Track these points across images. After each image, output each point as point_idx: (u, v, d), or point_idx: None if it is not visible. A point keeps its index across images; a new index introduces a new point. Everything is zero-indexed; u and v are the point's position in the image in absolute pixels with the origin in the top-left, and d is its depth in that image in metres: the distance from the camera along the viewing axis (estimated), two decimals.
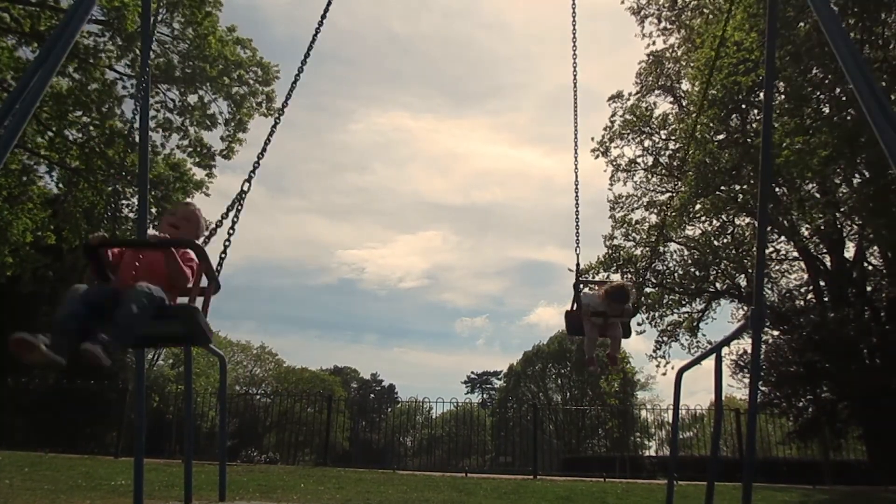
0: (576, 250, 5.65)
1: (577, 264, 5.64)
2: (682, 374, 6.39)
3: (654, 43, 23.62)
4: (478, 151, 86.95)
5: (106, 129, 14.76)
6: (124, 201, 15.91)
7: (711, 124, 18.02)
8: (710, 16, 17.26)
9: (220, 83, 15.03)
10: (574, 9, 5.99)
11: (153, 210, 15.35)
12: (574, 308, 5.55)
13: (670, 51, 23.52)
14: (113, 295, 3.14)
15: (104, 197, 15.64)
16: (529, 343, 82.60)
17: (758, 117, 18.15)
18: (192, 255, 3.37)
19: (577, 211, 5.68)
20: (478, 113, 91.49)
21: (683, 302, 23.86)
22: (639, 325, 23.64)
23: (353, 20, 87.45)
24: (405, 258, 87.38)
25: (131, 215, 15.75)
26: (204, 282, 3.40)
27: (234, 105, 15.61)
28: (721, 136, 19.49)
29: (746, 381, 18.52)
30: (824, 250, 20.88)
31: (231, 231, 3.43)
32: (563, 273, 74.33)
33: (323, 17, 4.59)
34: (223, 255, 3.40)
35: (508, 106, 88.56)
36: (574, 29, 5.96)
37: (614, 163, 25.04)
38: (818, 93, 15.26)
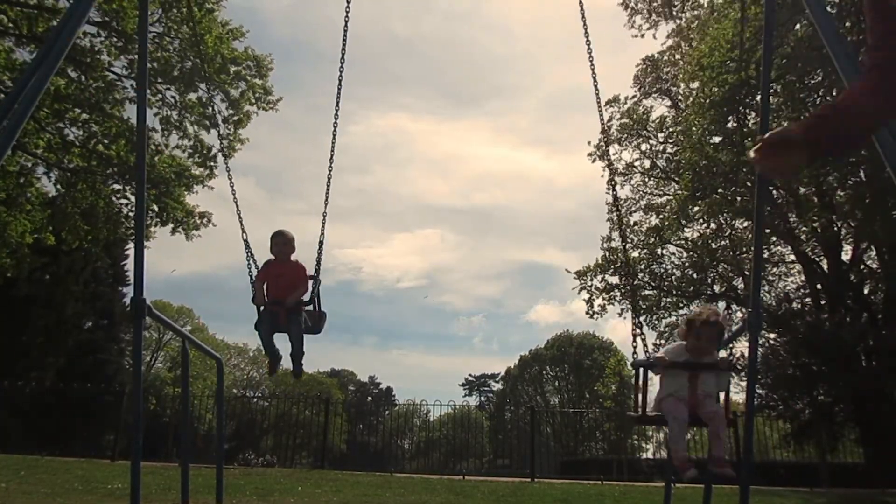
0: (633, 328, 4.42)
1: (639, 333, 4.41)
2: None
3: (642, 36, 23.52)
4: (478, 153, 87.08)
5: (108, 126, 14.72)
6: (123, 200, 15.89)
7: (708, 126, 18.06)
8: (711, 12, 17.25)
9: (218, 81, 14.99)
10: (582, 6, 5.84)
11: (154, 207, 15.31)
12: (641, 377, 4.16)
13: (667, 53, 23.57)
14: (279, 321, 5.41)
15: (103, 196, 15.60)
16: (528, 342, 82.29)
17: (755, 119, 18.21)
18: (307, 276, 5.52)
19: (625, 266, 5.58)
20: (478, 115, 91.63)
21: (681, 304, 23.89)
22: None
23: (353, 21, 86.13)
24: (403, 258, 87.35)
25: (130, 214, 15.73)
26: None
27: (231, 104, 15.58)
28: (718, 139, 19.53)
29: (743, 383, 18.52)
30: (821, 253, 20.92)
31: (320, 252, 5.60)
32: (562, 275, 74.16)
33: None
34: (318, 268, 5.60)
35: (509, 108, 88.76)
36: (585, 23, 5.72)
37: (612, 167, 25.07)
38: (814, 95, 15.31)
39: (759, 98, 14.09)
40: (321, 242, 5.57)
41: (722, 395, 4.17)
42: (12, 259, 15.18)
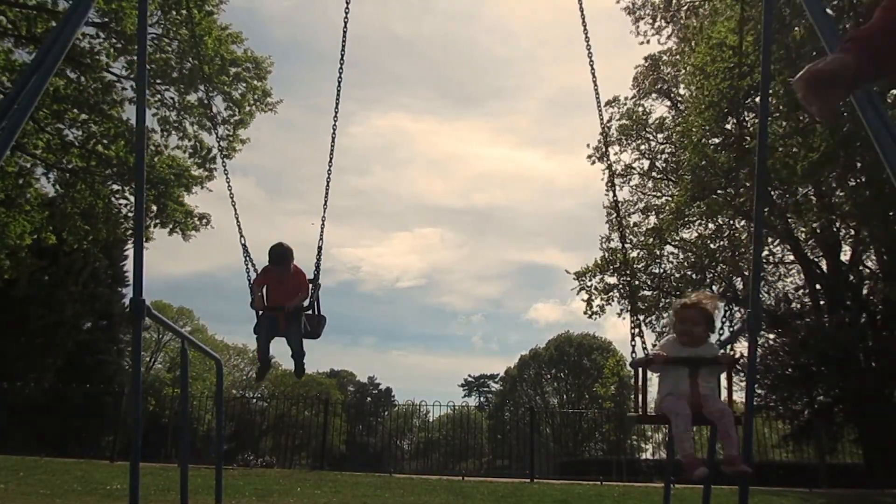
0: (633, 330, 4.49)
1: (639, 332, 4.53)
2: None
3: (647, 42, 23.57)
4: (478, 154, 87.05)
5: (108, 126, 14.72)
6: (123, 201, 15.88)
7: (707, 127, 18.06)
8: (707, 20, 17.27)
9: (218, 82, 14.99)
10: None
11: (153, 208, 15.31)
12: (642, 359, 4.07)
13: (667, 54, 23.59)
14: (278, 326, 5.50)
15: (102, 197, 15.60)
16: (527, 342, 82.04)
17: (754, 120, 18.21)
18: (307, 281, 5.54)
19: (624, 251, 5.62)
20: (478, 115, 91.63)
21: None
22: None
23: (354, 22, 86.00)
24: (403, 257, 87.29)
25: (130, 214, 15.72)
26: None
27: (232, 105, 15.57)
28: (717, 140, 19.53)
29: (742, 384, 18.55)
30: (820, 254, 20.93)
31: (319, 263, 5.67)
32: (562, 275, 74.18)
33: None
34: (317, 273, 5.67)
35: (509, 108, 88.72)
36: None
37: (612, 168, 25.08)
38: None
39: (758, 99, 14.10)
40: (320, 248, 5.56)
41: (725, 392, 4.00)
42: (12, 261, 15.17)
